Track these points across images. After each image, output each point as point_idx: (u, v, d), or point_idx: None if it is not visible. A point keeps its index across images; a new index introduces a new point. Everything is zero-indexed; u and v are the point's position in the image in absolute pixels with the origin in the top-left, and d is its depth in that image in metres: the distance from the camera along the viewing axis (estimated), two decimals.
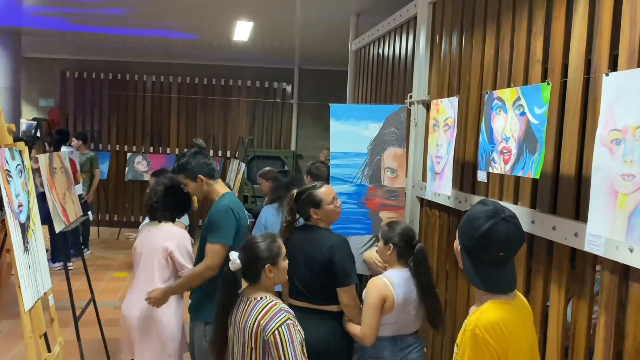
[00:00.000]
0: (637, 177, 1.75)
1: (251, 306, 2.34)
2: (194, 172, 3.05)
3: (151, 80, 10.44)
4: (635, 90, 1.79)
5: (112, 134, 10.32)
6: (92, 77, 10.35)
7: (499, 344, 1.77)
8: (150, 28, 7.65)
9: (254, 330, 2.27)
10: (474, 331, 1.78)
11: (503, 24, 2.95)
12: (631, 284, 2.03)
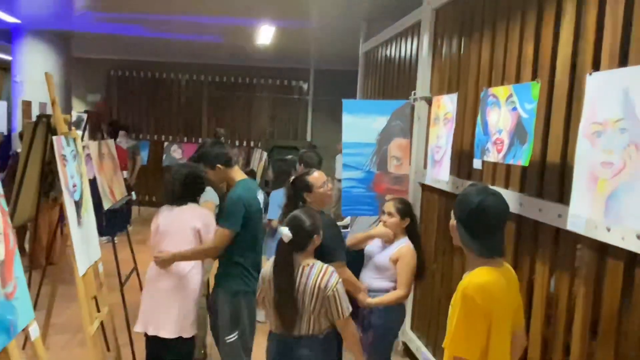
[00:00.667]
0: (615, 164, 1.74)
1: (307, 271, 2.38)
2: (212, 161, 3.02)
3: (185, 78, 10.45)
4: (614, 88, 1.78)
5: (150, 125, 10.37)
6: (133, 75, 10.39)
7: (486, 303, 1.80)
8: (184, 33, 7.63)
9: (315, 290, 2.33)
10: (465, 292, 1.82)
11: (498, 30, 2.94)
12: (608, 259, 2.01)
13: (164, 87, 10.45)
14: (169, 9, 6.19)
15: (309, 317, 2.38)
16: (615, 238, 1.89)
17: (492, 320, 1.82)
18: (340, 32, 6.59)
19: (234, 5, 5.75)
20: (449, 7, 3.61)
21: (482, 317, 1.80)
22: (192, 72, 10.39)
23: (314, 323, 2.40)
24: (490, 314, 1.81)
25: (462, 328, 1.83)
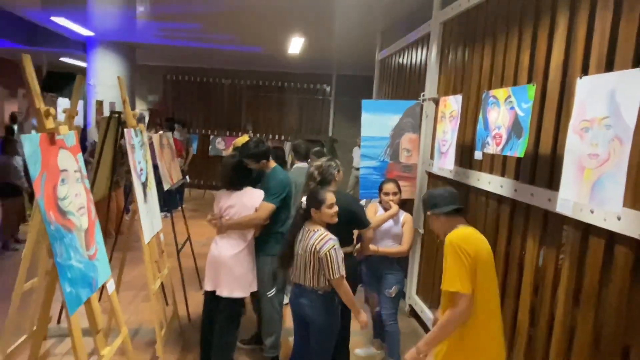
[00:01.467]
0: (600, 156, 1.70)
1: (310, 235, 2.41)
2: (259, 158, 3.00)
3: (227, 82, 10.39)
4: (601, 90, 1.73)
5: (199, 121, 10.34)
6: (185, 79, 10.37)
7: (470, 246, 1.90)
8: (228, 44, 7.59)
9: (312, 251, 2.35)
10: (451, 241, 1.92)
11: (498, 40, 2.86)
12: (591, 237, 1.99)
13: (210, 90, 10.42)
14: (216, 26, 6.19)
15: (310, 272, 2.40)
16: (598, 219, 1.86)
17: (477, 261, 1.89)
18: (359, 42, 6.50)
19: (272, 22, 5.71)
20: (455, 21, 3.51)
21: (469, 257, 1.87)
22: (234, 77, 10.34)
23: (313, 278, 2.40)
24: (475, 255, 1.89)
25: (453, 268, 1.89)
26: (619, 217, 1.75)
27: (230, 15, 5.53)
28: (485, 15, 3.04)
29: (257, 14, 5.32)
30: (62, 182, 1.99)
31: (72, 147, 2.14)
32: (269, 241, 3.01)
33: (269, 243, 3.01)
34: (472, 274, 1.87)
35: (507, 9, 2.74)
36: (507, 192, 2.57)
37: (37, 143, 1.84)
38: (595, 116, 1.72)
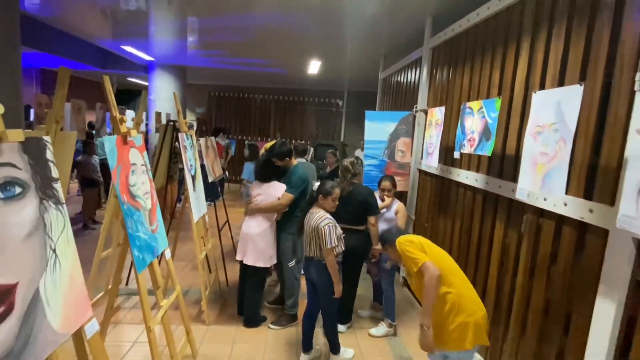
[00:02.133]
0: (549, 154, 1.74)
1: (313, 214, 2.51)
2: (283, 156, 3.05)
3: (259, 97, 10.38)
4: (550, 102, 1.77)
5: (236, 129, 10.37)
6: (225, 95, 10.38)
7: (412, 237, 1.94)
8: (260, 67, 7.57)
9: (314, 227, 2.45)
10: (399, 241, 1.95)
11: (475, 62, 2.85)
12: (543, 220, 2.02)
13: (245, 104, 10.43)
14: (250, 53, 6.17)
15: (314, 245, 2.48)
16: (549, 205, 1.89)
17: (422, 244, 1.91)
18: (365, 64, 6.43)
19: (294, 49, 5.71)
20: (442, 47, 3.50)
21: (414, 243, 1.90)
22: (264, 93, 10.36)
23: (317, 250, 2.47)
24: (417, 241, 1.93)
25: (411, 253, 1.86)
26: (565, 203, 1.79)
27: (262, 44, 5.55)
28: (466, 42, 3.04)
29: (283, 43, 5.33)
30: (132, 173, 2.14)
31: (139, 146, 2.29)
32: (289, 223, 3.05)
33: (289, 224, 3.05)
34: (422, 251, 1.86)
35: (483, 36, 2.75)
36: (480, 185, 2.60)
37: (114, 143, 2.00)
38: (546, 122, 1.77)
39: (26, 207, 1.29)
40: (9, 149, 1.25)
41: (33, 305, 1.26)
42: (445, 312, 1.81)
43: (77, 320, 1.46)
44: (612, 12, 1.66)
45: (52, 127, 1.79)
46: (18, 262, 1.23)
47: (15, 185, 1.26)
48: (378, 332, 3.08)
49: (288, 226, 3.06)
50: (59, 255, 1.41)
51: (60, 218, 1.45)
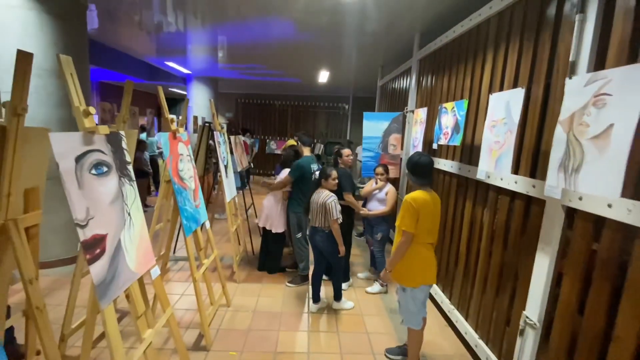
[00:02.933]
0: (500, 142, 1.90)
1: (320, 194, 2.72)
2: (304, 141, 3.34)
3: (278, 103, 10.47)
4: (502, 101, 1.92)
5: (259, 130, 10.50)
6: (250, 101, 10.50)
7: (416, 203, 1.97)
8: (278, 77, 7.65)
9: (320, 203, 2.66)
10: (406, 199, 2.00)
11: (452, 71, 2.95)
12: (501, 196, 2.14)
13: (267, 108, 10.56)
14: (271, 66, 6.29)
15: (321, 217, 2.69)
16: (504, 183, 2.03)
17: (420, 214, 1.98)
18: (366, 74, 6.51)
19: (307, 62, 5.82)
20: (427, 58, 3.60)
21: (415, 212, 1.97)
22: (282, 99, 10.47)
23: (322, 221, 2.69)
24: (418, 210, 1.97)
25: (405, 215, 1.99)
26: (515, 181, 1.95)
27: (280, 58, 5.68)
28: (445, 54, 3.15)
29: (297, 56, 5.46)
30: (181, 161, 2.40)
31: (185, 141, 2.55)
32: (293, 203, 3.25)
33: (294, 204, 3.25)
34: (415, 219, 1.98)
35: (458, 50, 2.88)
36: (455, 170, 2.74)
37: (167, 138, 2.26)
38: (499, 117, 1.93)
39: (110, 181, 1.56)
40: (98, 140, 1.51)
41: (117, 250, 1.53)
42: (408, 258, 2.03)
43: (146, 265, 1.73)
44: (551, 31, 1.81)
45: (121, 125, 2.05)
46: (107, 220, 1.49)
47: (103, 165, 1.53)
48: (372, 290, 3.29)
49: (294, 206, 3.26)
50: (132, 218, 1.68)
51: (132, 191, 1.71)
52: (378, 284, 3.32)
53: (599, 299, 1.46)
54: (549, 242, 1.72)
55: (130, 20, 4.18)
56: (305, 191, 3.20)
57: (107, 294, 1.42)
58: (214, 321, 2.68)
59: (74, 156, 1.35)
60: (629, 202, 1.30)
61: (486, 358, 2.21)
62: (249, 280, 3.43)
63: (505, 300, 2.10)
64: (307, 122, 10.56)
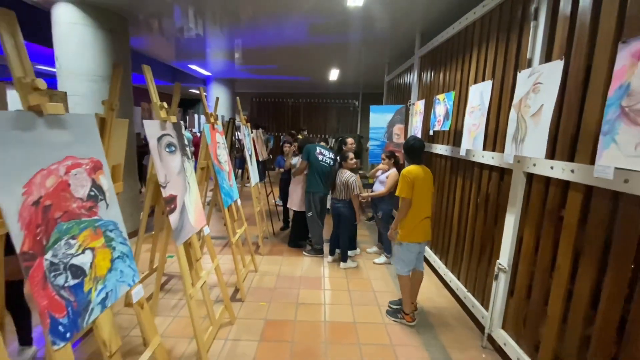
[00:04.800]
0: (476, 125, 2.34)
1: (343, 173, 3.26)
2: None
3: (291, 101, 10.85)
4: (478, 91, 2.34)
5: (274, 126, 10.93)
6: (264, 100, 10.93)
7: (411, 175, 2.35)
8: (291, 75, 7.96)
9: (343, 181, 3.20)
10: (403, 173, 2.39)
11: (447, 67, 3.33)
12: (483, 170, 2.53)
13: (280, 106, 10.95)
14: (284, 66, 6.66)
15: (343, 192, 3.24)
16: (485, 160, 2.44)
17: (415, 184, 2.37)
18: (374, 71, 6.80)
19: (318, 61, 6.17)
20: (427, 56, 3.94)
21: (409, 181, 2.35)
22: (295, 97, 10.84)
23: (344, 194, 3.24)
24: (413, 181, 2.36)
25: (403, 185, 2.37)
26: (492, 157, 2.39)
27: (293, 59, 6.08)
28: (440, 53, 3.54)
29: (309, 56, 5.83)
30: (219, 147, 2.95)
31: (220, 131, 3.09)
32: (308, 183, 3.67)
33: (307, 185, 3.67)
34: (411, 188, 2.37)
35: (450, 48, 3.28)
36: (448, 153, 3.16)
37: (208, 128, 2.81)
38: (475, 105, 2.38)
39: (177, 158, 2.11)
40: (169, 126, 2.06)
41: (183, 208, 2.08)
42: (407, 219, 2.46)
43: (200, 223, 2.28)
44: (517, 33, 2.25)
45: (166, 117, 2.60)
46: (176, 185, 2.04)
47: (172, 145, 2.08)
48: (379, 261, 3.75)
49: (308, 186, 3.68)
50: (190, 186, 2.23)
51: (189, 166, 2.26)
52: (384, 255, 3.80)
53: (548, 241, 1.92)
54: (514, 203, 2.17)
55: (159, 30, 4.74)
56: (314, 172, 3.60)
57: (180, 237, 1.97)
58: (245, 282, 3.23)
59: (156, 137, 1.90)
60: (563, 163, 1.75)
61: (472, 305, 2.67)
62: (272, 254, 3.96)
63: (486, 256, 2.55)
64: (318, 118, 10.92)
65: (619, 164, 1.26)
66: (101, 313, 1.24)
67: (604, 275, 1.55)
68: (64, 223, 1.14)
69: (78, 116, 1.27)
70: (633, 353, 1.39)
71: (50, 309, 1.04)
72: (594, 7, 1.65)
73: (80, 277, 1.17)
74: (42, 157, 1.10)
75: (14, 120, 1.04)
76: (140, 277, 1.46)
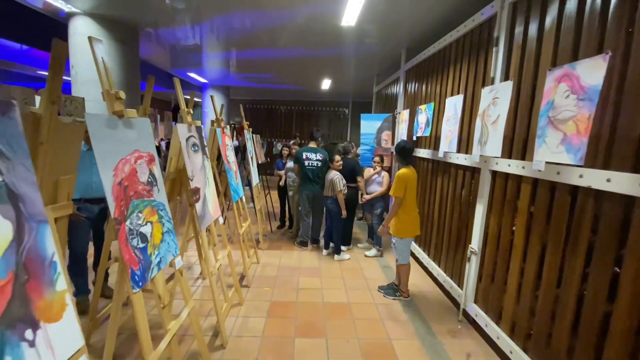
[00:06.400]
0: (451, 131, 2.78)
1: (330, 173, 3.67)
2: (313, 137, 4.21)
3: (283, 108, 11.16)
4: (452, 103, 2.79)
5: (266, 132, 11.19)
6: (257, 106, 11.23)
7: (405, 176, 2.75)
8: (284, 84, 8.24)
9: (329, 179, 3.61)
10: (398, 174, 2.79)
11: (429, 80, 3.75)
12: (458, 170, 2.94)
13: (273, 113, 11.24)
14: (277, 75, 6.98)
15: (330, 189, 3.64)
16: (459, 161, 2.89)
17: (407, 185, 2.77)
18: (364, 81, 7.20)
19: (311, 72, 6.53)
20: (411, 70, 4.36)
21: (404, 182, 2.76)
22: (287, 105, 11.15)
23: (332, 191, 3.63)
24: (406, 182, 2.76)
25: (398, 185, 2.77)
26: (465, 158, 2.85)
27: (286, 69, 6.42)
28: (423, 68, 3.98)
29: (302, 67, 6.14)
30: (228, 149, 3.32)
31: (228, 135, 3.47)
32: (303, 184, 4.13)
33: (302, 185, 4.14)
34: (404, 188, 2.78)
35: (431, 65, 3.74)
36: (430, 156, 3.57)
37: (220, 132, 3.18)
38: (451, 114, 2.83)
39: (199, 156, 2.48)
40: (193, 129, 2.44)
41: (204, 199, 2.45)
42: (403, 221, 2.88)
43: (217, 212, 2.64)
44: (485, 55, 2.73)
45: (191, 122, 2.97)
46: (199, 179, 2.41)
47: (195, 145, 2.45)
48: (370, 254, 4.15)
49: (303, 185, 4.14)
50: (209, 180, 2.60)
51: (208, 163, 2.63)
52: (375, 249, 4.21)
53: (508, 226, 2.36)
54: (482, 195, 2.61)
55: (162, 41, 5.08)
56: (304, 173, 4.05)
57: (203, 222, 2.33)
58: (249, 272, 3.57)
59: (185, 138, 2.27)
60: (517, 161, 2.20)
61: (450, 287, 3.09)
62: (272, 249, 4.32)
63: (461, 244, 2.99)
64: (310, 125, 11.28)
65: (547, 159, 1.71)
66: (157, 273, 1.60)
67: (545, 251, 1.99)
68: (135, 200, 1.50)
69: (140, 119, 1.65)
70: (563, 312, 1.83)
71: (130, 262, 1.40)
72: (538, 39, 2.13)
73: (145, 243, 1.53)
74: (122, 149, 1.47)
75: (106, 121, 1.42)
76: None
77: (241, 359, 2.21)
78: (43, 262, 0.96)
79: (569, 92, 1.54)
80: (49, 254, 0.98)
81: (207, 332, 2.49)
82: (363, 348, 2.37)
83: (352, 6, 3.27)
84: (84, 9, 3.87)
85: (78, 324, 1.04)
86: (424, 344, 2.45)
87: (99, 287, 2.16)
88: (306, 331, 2.55)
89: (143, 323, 1.38)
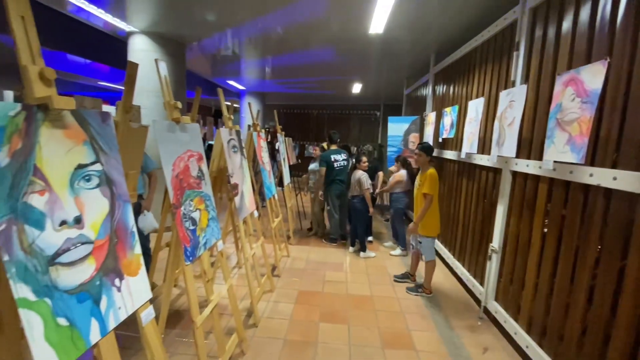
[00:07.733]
0: (472, 133, 2.86)
1: (357, 172, 3.85)
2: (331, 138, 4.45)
3: (315, 112, 11.47)
4: (475, 106, 2.86)
5: (299, 136, 11.52)
6: (291, 111, 11.63)
7: (437, 176, 2.93)
8: (316, 90, 8.68)
9: (356, 178, 3.78)
10: (431, 173, 2.95)
11: (455, 83, 3.84)
12: (481, 172, 3.04)
13: (305, 117, 11.57)
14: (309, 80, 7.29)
15: (357, 188, 3.82)
16: (482, 162, 2.98)
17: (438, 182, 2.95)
18: (395, 85, 7.33)
19: (342, 76, 6.76)
20: (440, 73, 4.49)
21: (437, 181, 2.92)
22: (319, 109, 11.44)
23: (358, 190, 3.82)
24: (437, 180, 2.93)
25: (432, 183, 2.93)
26: (488, 159, 2.94)
27: (319, 74, 6.70)
28: (450, 71, 4.08)
29: (334, 72, 6.39)
30: (263, 151, 3.66)
31: (264, 138, 3.81)
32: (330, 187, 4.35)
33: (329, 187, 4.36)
34: (437, 186, 2.95)
35: (457, 68, 3.83)
36: (455, 158, 3.66)
37: (256, 135, 3.53)
38: (472, 117, 2.94)
39: (238, 156, 2.82)
40: (234, 133, 2.79)
41: (242, 193, 2.78)
42: (430, 218, 3.04)
43: (252, 206, 2.97)
44: (507, 59, 2.82)
45: (232, 127, 3.34)
46: (238, 176, 2.75)
47: (235, 147, 2.80)
48: (395, 253, 4.30)
49: (327, 188, 4.39)
50: (245, 176, 2.94)
51: (245, 163, 2.97)
52: (399, 248, 4.35)
53: (528, 225, 2.44)
54: (503, 195, 2.70)
55: (206, 51, 5.58)
56: (331, 175, 4.28)
57: (240, 214, 2.66)
58: (280, 264, 3.88)
59: (227, 140, 2.62)
60: (536, 162, 2.29)
61: (473, 285, 3.17)
62: (301, 244, 4.61)
63: (484, 243, 3.06)
64: (341, 128, 11.49)
65: (555, 158, 1.82)
66: (203, 252, 1.93)
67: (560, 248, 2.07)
68: (188, 191, 1.84)
69: (191, 125, 2.00)
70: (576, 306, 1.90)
71: (184, 240, 1.74)
72: (555, 43, 2.21)
73: (194, 226, 1.86)
74: (178, 149, 1.82)
75: (167, 127, 1.77)
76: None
77: (272, 335, 2.49)
78: (127, 231, 1.30)
79: (574, 95, 1.65)
80: (130, 225, 1.32)
81: (242, 313, 2.80)
82: (383, 335, 2.56)
83: (378, 16, 3.48)
84: (141, 28, 4.44)
85: (148, 282, 1.37)
86: (442, 336, 2.58)
87: (152, 270, 2.56)
88: (330, 317, 2.78)
89: (192, 291, 1.70)
